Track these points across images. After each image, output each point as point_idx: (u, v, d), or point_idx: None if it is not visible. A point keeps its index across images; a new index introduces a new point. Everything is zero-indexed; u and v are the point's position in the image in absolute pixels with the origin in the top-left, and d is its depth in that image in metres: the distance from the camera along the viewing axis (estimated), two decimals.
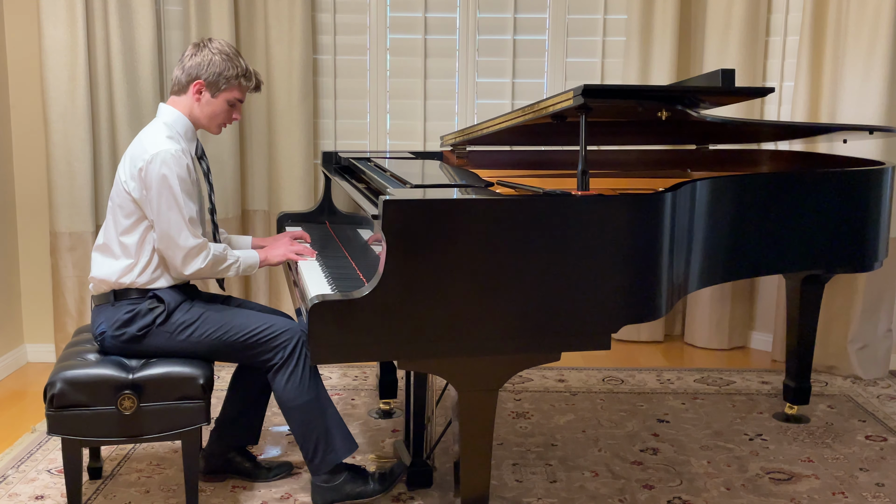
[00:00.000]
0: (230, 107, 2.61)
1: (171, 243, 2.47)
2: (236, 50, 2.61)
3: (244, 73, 2.59)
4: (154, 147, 2.46)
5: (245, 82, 2.60)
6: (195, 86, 2.55)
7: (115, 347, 2.52)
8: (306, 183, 4.14)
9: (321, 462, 2.55)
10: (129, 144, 2.57)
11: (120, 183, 2.51)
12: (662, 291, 2.30)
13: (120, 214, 2.51)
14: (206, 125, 2.62)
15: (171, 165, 2.43)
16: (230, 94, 2.59)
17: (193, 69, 2.55)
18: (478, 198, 2.15)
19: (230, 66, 2.55)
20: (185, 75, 2.56)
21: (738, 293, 4.29)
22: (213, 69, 2.54)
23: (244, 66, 2.59)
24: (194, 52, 2.56)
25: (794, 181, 2.88)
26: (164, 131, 2.52)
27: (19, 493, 2.74)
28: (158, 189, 2.44)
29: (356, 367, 3.96)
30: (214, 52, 2.54)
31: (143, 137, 2.52)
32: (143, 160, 2.45)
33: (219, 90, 2.57)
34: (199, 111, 2.58)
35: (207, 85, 2.55)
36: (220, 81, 2.55)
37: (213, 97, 2.57)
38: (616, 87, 3.40)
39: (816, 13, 3.82)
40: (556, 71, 4.26)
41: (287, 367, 2.50)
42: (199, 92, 2.56)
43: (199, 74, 2.54)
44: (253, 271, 2.66)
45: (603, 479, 2.85)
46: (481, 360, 2.18)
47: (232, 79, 2.56)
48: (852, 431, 3.28)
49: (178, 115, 2.57)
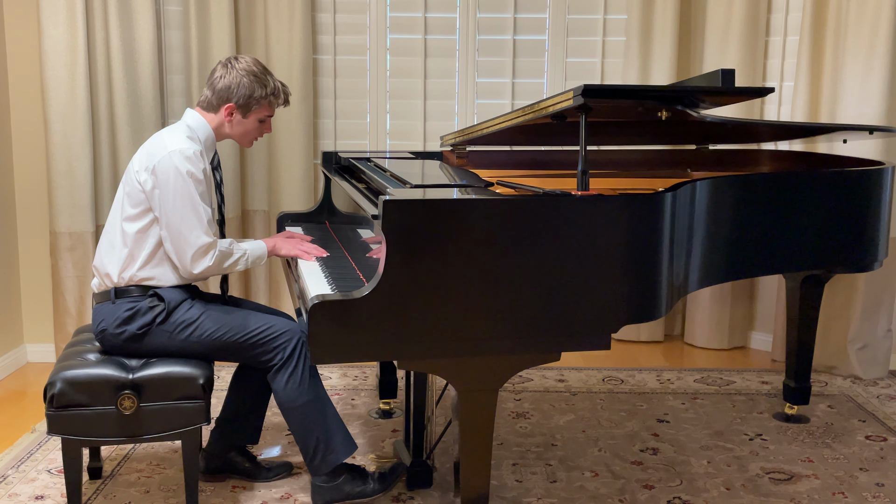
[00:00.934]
0: (260, 123, 2.65)
1: (180, 240, 2.47)
2: (264, 67, 2.62)
3: (273, 91, 2.61)
4: (172, 144, 2.48)
5: (274, 100, 2.64)
6: (226, 108, 2.58)
7: (115, 346, 2.52)
8: (306, 183, 4.14)
9: (321, 463, 2.55)
10: (148, 139, 2.59)
11: (132, 172, 2.52)
12: (662, 291, 2.30)
13: (128, 202, 2.52)
14: (238, 141, 2.68)
15: (187, 163, 2.45)
16: (260, 113, 2.63)
17: (224, 92, 2.57)
18: (478, 198, 2.14)
19: (259, 87, 2.57)
20: (216, 97, 2.58)
21: (738, 293, 4.29)
22: (242, 91, 2.56)
23: (273, 84, 2.61)
24: (223, 74, 2.57)
25: (794, 181, 2.87)
26: (185, 132, 2.55)
27: (19, 493, 2.75)
28: (174, 185, 2.45)
29: (356, 367, 3.96)
30: (243, 75, 2.56)
31: (164, 134, 2.55)
32: (159, 155, 2.46)
33: (249, 111, 2.60)
34: (231, 130, 2.63)
35: (238, 108, 2.58)
36: (251, 103, 2.59)
37: (245, 118, 2.61)
38: (616, 87, 3.40)
39: (816, 13, 3.82)
40: (556, 71, 4.26)
41: (287, 368, 2.50)
42: (231, 114, 2.59)
43: (230, 98, 2.57)
44: (262, 262, 2.67)
45: (603, 479, 2.85)
46: (481, 360, 2.18)
47: (262, 99, 2.59)
48: (852, 431, 3.28)
49: (202, 123, 2.60)
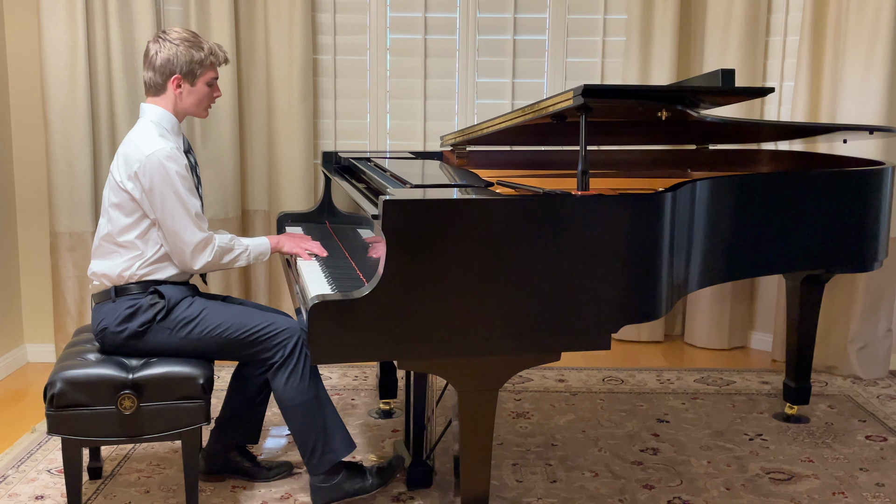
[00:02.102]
0: (209, 87, 2.65)
1: (176, 240, 2.49)
2: (194, 32, 2.64)
3: (211, 52, 2.62)
4: (149, 147, 2.47)
5: (214, 59, 2.64)
6: (173, 81, 2.58)
7: (115, 344, 2.52)
8: (306, 183, 4.14)
9: (319, 462, 2.55)
10: (120, 144, 2.59)
11: (115, 183, 2.51)
12: (662, 291, 2.30)
13: (119, 214, 2.52)
14: (193, 112, 2.66)
15: (169, 164, 2.46)
16: (206, 77, 2.63)
17: (165, 66, 2.57)
18: (478, 198, 2.14)
19: (197, 51, 2.58)
20: (159, 75, 2.58)
21: (738, 293, 4.29)
22: (182, 59, 2.56)
23: (208, 45, 2.62)
24: (158, 49, 2.57)
25: (794, 181, 2.87)
26: (154, 130, 2.54)
27: (19, 493, 2.75)
28: (160, 188, 2.45)
29: (356, 367, 3.96)
30: (177, 43, 2.57)
31: (135, 137, 2.53)
32: (138, 161, 2.46)
33: (196, 77, 2.60)
34: (183, 102, 2.62)
35: (184, 76, 2.58)
36: (195, 68, 2.59)
37: (193, 85, 2.61)
38: (616, 87, 3.40)
39: (816, 13, 3.82)
40: (556, 71, 4.26)
41: (287, 367, 2.50)
42: (179, 85, 2.59)
43: (174, 70, 2.57)
44: (264, 258, 2.68)
45: (603, 479, 2.85)
46: (481, 360, 2.18)
47: (204, 62, 2.60)
48: (852, 431, 3.27)
49: (162, 112, 2.59)
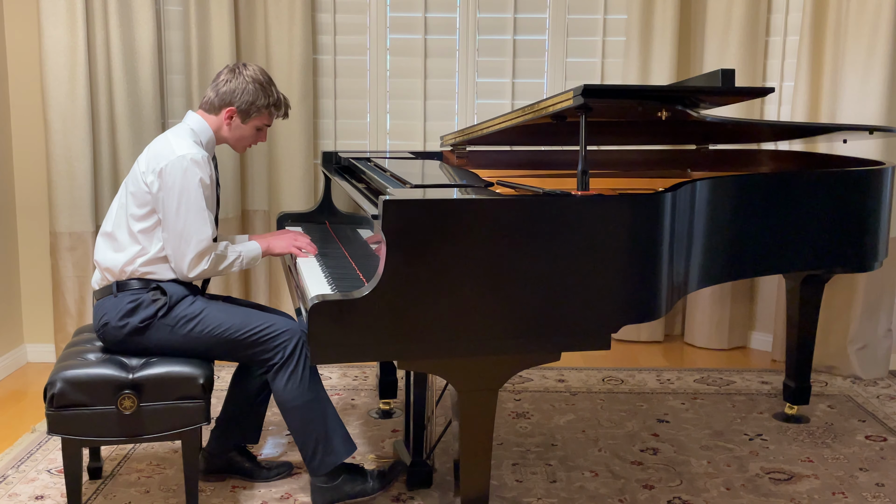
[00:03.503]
0: (257, 131, 2.68)
1: (181, 243, 2.49)
2: (269, 78, 2.66)
3: (275, 102, 2.66)
4: (181, 149, 2.49)
5: (275, 111, 2.67)
6: (227, 112, 2.61)
7: (117, 340, 2.52)
8: (306, 183, 4.14)
9: (320, 463, 2.55)
10: (154, 139, 2.62)
11: (138, 173, 2.53)
12: (662, 291, 2.30)
13: (133, 202, 2.53)
14: (232, 145, 2.70)
15: (196, 170, 2.48)
16: (259, 121, 2.66)
17: (227, 95, 2.60)
18: (478, 198, 2.14)
19: (262, 96, 2.61)
20: (219, 99, 2.61)
21: (738, 293, 4.29)
22: (245, 98, 2.59)
23: (276, 95, 2.66)
24: (229, 78, 2.60)
25: (794, 181, 2.87)
26: (191, 136, 2.58)
27: (19, 493, 2.75)
28: (181, 190, 2.46)
29: (356, 367, 3.96)
30: (249, 81, 2.59)
31: (171, 137, 2.56)
32: (167, 159, 2.48)
33: (249, 117, 2.63)
34: (228, 134, 2.65)
35: (239, 112, 2.61)
36: (252, 110, 2.62)
37: (244, 123, 2.64)
38: (616, 87, 3.40)
39: (816, 13, 3.82)
40: (556, 71, 4.26)
41: (287, 367, 2.50)
42: (231, 118, 2.62)
43: (232, 101, 2.60)
44: (256, 262, 2.69)
45: (603, 479, 2.85)
46: (481, 360, 2.18)
47: (263, 108, 2.63)
48: (852, 431, 3.28)
49: (205, 126, 2.63)
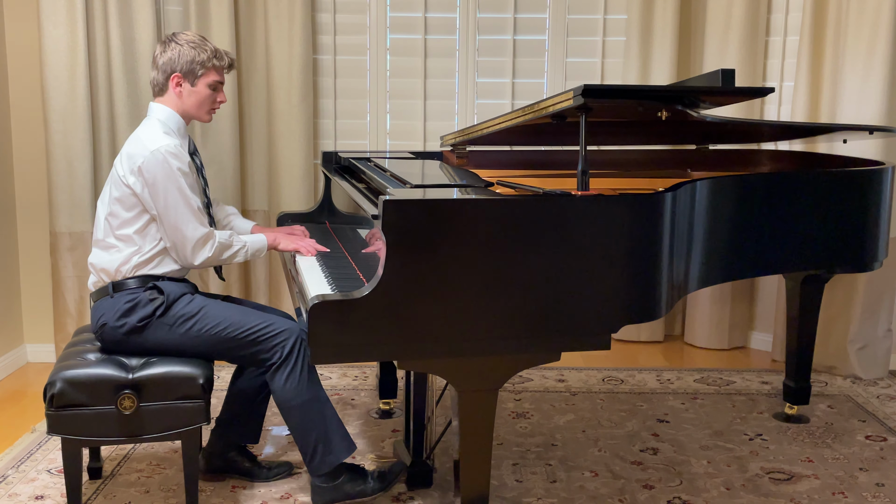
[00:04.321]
0: (213, 90, 2.67)
1: (178, 234, 2.51)
2: (202, 36, 2.67)
3: (214, 54, 2.64)
4: (153, 143, 2.50)
5: (218, 62, 2.66)
6: (173, 79, 2.61)
7: (115, 340, 2.52)
8: (306, 183, 4.14)
9: (320, 463, 2.55)
10: (125, 142, 2.61)
11: (118, 178, 2.53)
12: (662, 291, 2.30)
13: (120, 208, 2.53)
14: (195, 115, 2.68)
15: (172, 159, 2.49)
16: (208, 79, 2.64)
17: (167, 65, 2.61)
18: (478, 198, 2.14)
19: (200, 52, 2.61)
20: (161, 73, 2.62)
21: (738, 293, 4.29)
22: (184, 59, 2.60)
23: (212, 47, 2.65)
24: (163, 50, 2.62)
25: (794, 181, 2.87)
26: (160, 128, 2.58)
27: (19, 493, 2.75)
28: (164, 183, 2.47)
29: (356, 367, 3.96)
30: (182, 44, 2.61)
31: (140, 134, 2.56)
32: (142, 156, 2.48)
33: (196, 77, 2.62)
34: (184, 103, 2.64)
35: (184, 75, 2.61)
36: (196, 68, 2.61)
37: (193, 86, 2.63)
38: (616, 87, 3.40)
39: (816, 13, 3.82)
40: (556, 71, 4.26)
41: (286, 367, 2.50)
42: (179, 84, 2.62)
43: (174, 68, 2.60)
44: (261, 255, 2.70)
45: (603, 479, 2.85)
46: (481, 360, 2.18)
47: (205, 62, 2.62)
48: (852, 431, 3.28)
49: (169, 112, 2.63)
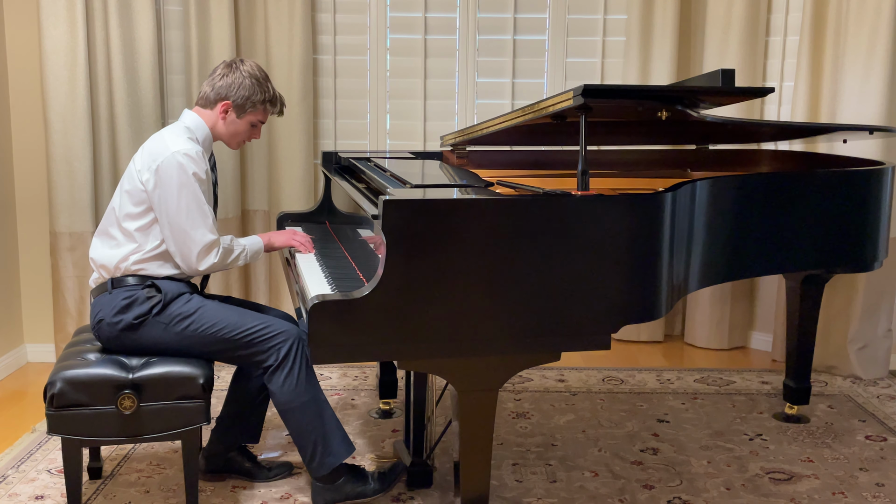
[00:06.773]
0: (252, 127, 2.70)
1: (185, 238, 2.50)
2: (266, 74, 2.68)
3: (271, 98, 2.67)
4: (175, 145, 2.51)
5: (270, 107, 2.69)
6: (222, 105, 2.63)
7: (111, 337, 2.52)
8: (306, 183, 4.14)
9: (319, 465, 2.55)
10: (149, 138, 2.63)
11: (134, 171, 2.55)
12: (662, 291, 2.30)
13: (128, 201, 2.54)
14: (226, 140, 2.71)
15: (191, 163, 2.49)
16: (254, 117, 2.67)
17: (223, 89, 2.62)
18: (478, 198, 2.14)
19: (258, 91, 2.63)
20: (214, 93, 2.63)
21: (738, 293, 4.29)
22: (241, 92, 2.61)
23: (272, 91, 2.67)
24: (225, 73, 2.62)
25: (794, 181, 2.87)
26: (185, 133, 2.59)
27: (19, 493, 2.75)
28: (178, 185, 2.47)
29: (356, 367, 3.96)
30: (245, 76, 2.61)
31: (166, 135, 2.57)
32: (162, 156, 2.49)
33: (244, 112, 2.64)
34: (223, 128, 2.66)
35: (234, 107, 2.63)
36: (247, 105, 2.63)
37: (238, 118, 2.65)
38: (616, 87, 3.40)
39: (816, 13, 3.82)
40: (556, 71, 4.26)
41: (283, 369, 2.49)
42: (226, 112, 2.64)
43: (228, 95, 2.61)
44: (259, 256, 2.72)
45: (603, 479, 2.85)
46: (481, 360, 2.18)
47: (258, 103, 2.64)
48: (852, 431, 3.28)
49: (200, 123, 2.64)
